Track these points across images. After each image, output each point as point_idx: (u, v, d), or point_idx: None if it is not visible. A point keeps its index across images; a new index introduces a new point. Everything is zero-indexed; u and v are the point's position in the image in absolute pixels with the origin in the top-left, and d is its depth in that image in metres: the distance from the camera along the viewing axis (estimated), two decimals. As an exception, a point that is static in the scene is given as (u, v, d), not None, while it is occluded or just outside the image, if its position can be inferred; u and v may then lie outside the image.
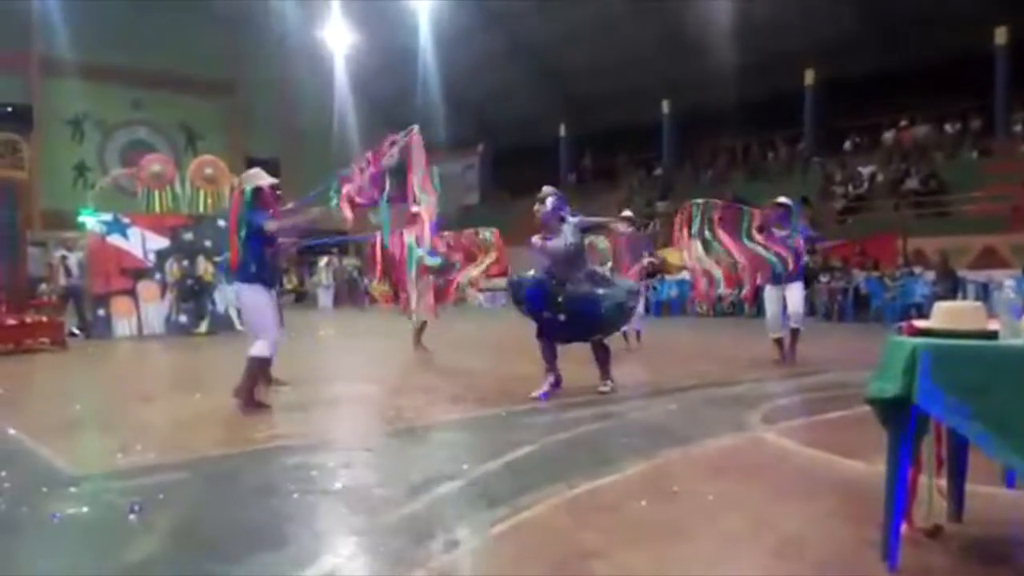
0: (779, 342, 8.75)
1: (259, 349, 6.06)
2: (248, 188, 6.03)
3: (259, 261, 6.01)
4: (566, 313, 6.46)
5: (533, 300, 6.60)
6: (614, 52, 24.81)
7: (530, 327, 6.79)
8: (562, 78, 28.31)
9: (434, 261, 9.29)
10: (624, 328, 10.45)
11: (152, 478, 4.23)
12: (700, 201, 9.48)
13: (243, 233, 5.92)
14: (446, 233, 10.28)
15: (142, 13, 26.54)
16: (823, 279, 16.43)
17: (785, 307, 8.69)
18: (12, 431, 5.54)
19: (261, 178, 6.11)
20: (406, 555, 3.06)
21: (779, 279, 8.68)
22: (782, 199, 8.94)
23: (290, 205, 6.73)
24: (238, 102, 30.57)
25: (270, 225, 6.01)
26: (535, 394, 6.53)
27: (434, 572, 2.90)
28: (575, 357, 9.62)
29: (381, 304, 9.55)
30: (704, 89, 23.18)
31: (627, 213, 10.89)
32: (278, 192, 6.25)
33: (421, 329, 10.38)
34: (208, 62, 29.05)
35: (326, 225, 7.52)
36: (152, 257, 14.18)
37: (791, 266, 8.57)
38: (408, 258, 8.39)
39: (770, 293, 8.81)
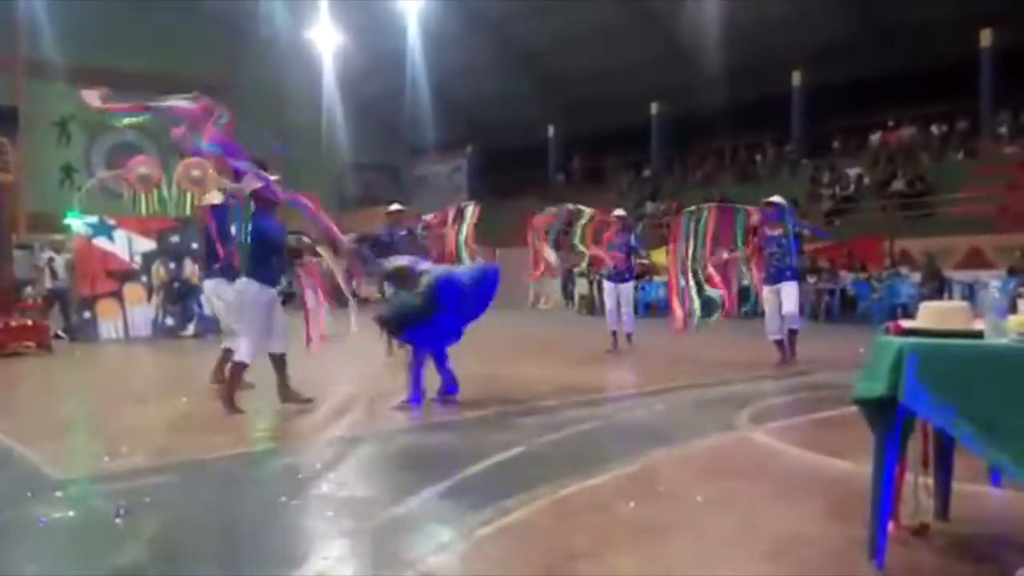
0: (779, 344, 8.76)
1: (240, 354, 6.06)
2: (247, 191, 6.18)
3: (262, 259, 6.10)
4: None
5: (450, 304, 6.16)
6: (603, 54, 24.82)
7: (518, 327, 6.71)
8: (551, 80, 28.31)
9: None
10: (613, 328, 10.45)
11: (139, 481, 4.20)
12: (692, 209, 9.52)
13: (247, 239, 6.06)
14: (427, 217, 9.94)
15: (130, 15, 26.37)
16: (811, 280, 16.49)
17: (781, 307, 8.69)
18: (-3, 435, 5.49)
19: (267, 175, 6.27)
20: (393, 557, 3.05)
21: (774, 279, 8.68)
22: (775, 198, 8.94)
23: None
24: (227, 104, 30.37)
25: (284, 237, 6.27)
26: (404, 400, 6.25)
27: (421, 574, 2.89)
28: (566, 359, 9.64)
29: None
30: (693, 91, 23.22)
31: (619, 212, 10.87)
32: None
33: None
34: (197, 64, 28.79)
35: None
36: (138, 259, 14.10)
37: (787, 265, 8.62)
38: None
39: (767, 294, 8.82)
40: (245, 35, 28.73)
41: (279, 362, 6.28)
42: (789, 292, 8.61)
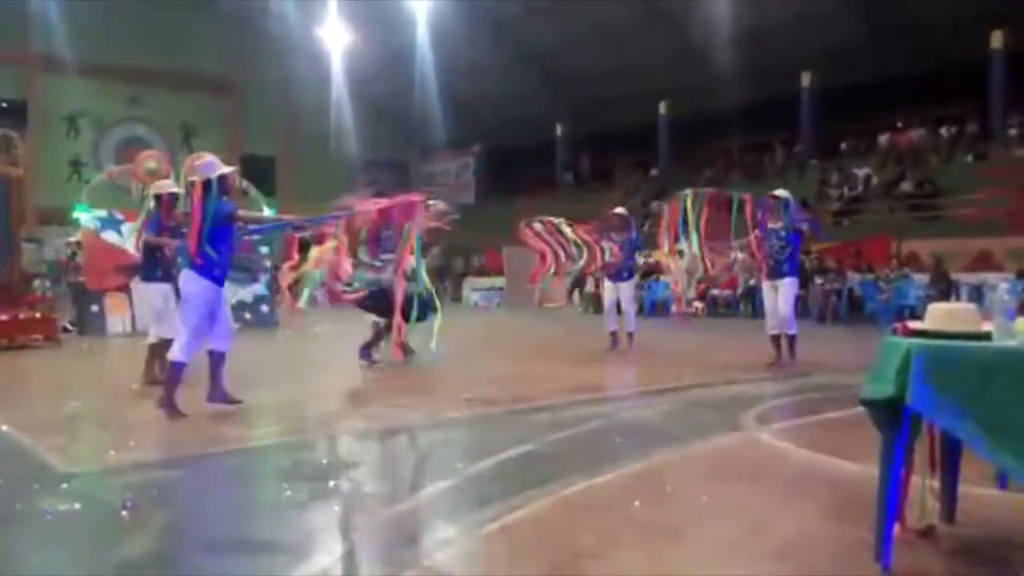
0: (774, 340, 8.68)
1: (173, 352, 5.74)
2: (214, 177, 5.75)
3: (211, 250, 5.71)
4: None
5: None
6: (612, 54, 24.80)
7: (525, 326, 6.73)
8: (560, 79, 28.30)
9: None
10: (612, 328, 10.30)
11: (145, 475, 4.22)
12: (688, 192, 9.42)
13: (206, 225, 5.65)
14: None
15: (140, 11, 26.50)
16: (818, 280, 16.44)
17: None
18: (4, 427, 5.52)
19: (222, 166, 5.90)
20: (398, 554, 3.06)
21: (772, 274, 8.61)
22: (778, 192, 8.86)
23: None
24: (236, 100, 30.48)
25: (240, 213, 5.94)
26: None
27: (426, 571, 2.90)
28: (573, 358, 9.64)
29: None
30: (701, 91, 23.15)
31: (619, 210, 10.73)
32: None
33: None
34: (206, 60, 28.95)
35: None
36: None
37: (783, 261, 8.54)
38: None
39: (766, 289, 8.78)
40: (256, 32, 28.82)
41: (217, 360, 5.96)
42: (785, 292, 8.46)
